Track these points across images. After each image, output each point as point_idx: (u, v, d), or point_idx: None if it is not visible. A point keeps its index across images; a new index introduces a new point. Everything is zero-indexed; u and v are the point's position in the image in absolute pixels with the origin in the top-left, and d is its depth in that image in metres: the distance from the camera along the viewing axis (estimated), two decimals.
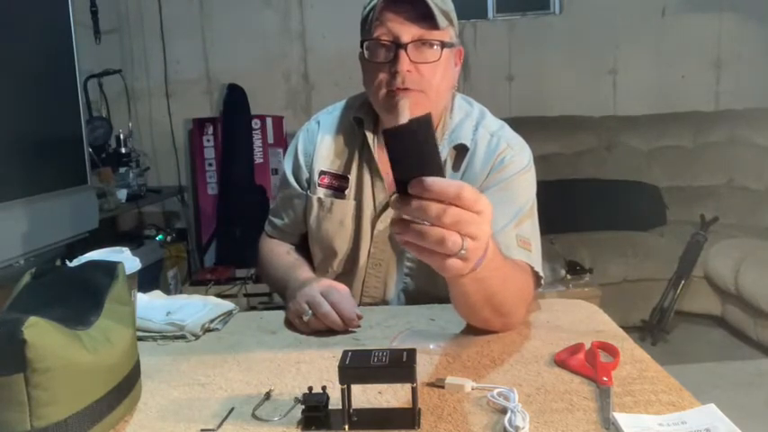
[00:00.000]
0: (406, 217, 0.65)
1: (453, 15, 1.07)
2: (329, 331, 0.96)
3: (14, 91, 1.76)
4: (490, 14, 3.78)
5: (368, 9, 1.06)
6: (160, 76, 3.68)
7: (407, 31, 1.02)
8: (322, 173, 1.19)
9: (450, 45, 1.07)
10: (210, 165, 3.67)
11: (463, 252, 0.66)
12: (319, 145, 1.21)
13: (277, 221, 1.28)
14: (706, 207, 3.31)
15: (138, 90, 3.70)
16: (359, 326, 0.97)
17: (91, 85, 3.24)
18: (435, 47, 1.04)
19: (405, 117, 0.97)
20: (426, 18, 1.01)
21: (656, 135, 3.70)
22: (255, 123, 3.62)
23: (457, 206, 0.64)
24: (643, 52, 3.78)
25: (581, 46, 3.78)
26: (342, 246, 1.17)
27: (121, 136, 3.21)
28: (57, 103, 1.97)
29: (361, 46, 1.08)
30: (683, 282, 3.02)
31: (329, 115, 1.25)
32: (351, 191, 1.17)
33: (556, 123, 3.67)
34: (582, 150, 3.68)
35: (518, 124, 1.20)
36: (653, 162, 3.67)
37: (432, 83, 1.05)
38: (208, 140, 3.66)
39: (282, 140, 3.67)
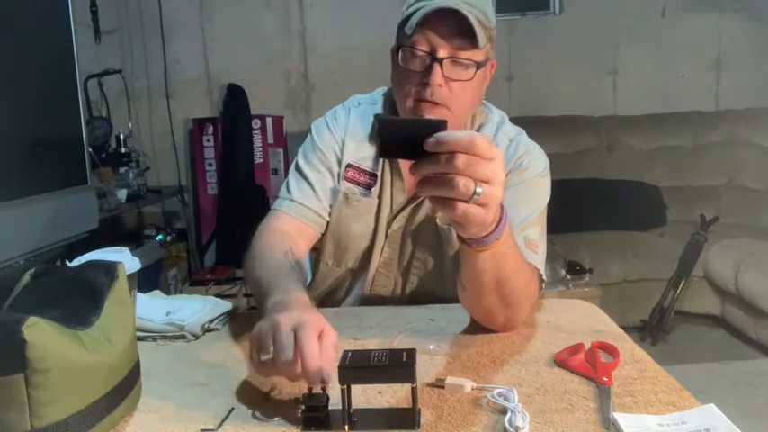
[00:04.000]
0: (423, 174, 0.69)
1: (494, 32, 1.06)
2: None
3: (14, 91, 1.76)
4: None
5: (410, 10, 1.03)
6: (160, 76, 3.68)
7: (446, 46, 1.01)
8: (348, 165, 1.17)
9: (485, 63, 1.06)
10: (210, 165, 3.67)
11: (478, 196, 0.68)
12: (349, 136, 1.18)
13: (296, 194, 1.16)
14: (706, 207, 3.31)
15: (138, 90, 3.70)
16: (324, 384, 0.71)
17: (91, 85, 3.23)
18: (470, 68, 1.03)
19: None
20: (467, 35, 1.00)
21: (656, 135, 3.70)
22: (255, 123, 3.62)
23: (472, 155, 0.67)
24: (643, 52, 3.78)
25: (581, 46, 3.78)
26: (360, 243, 1.17)
27: (121, 136, 3.20)
28: (57, 103, 1.97)
29: (397, 49, 1.06)
30: (683, 282, 3.02)
31: (357, 109, 1.21)
32: (376, 189, 1.16)
33: (556, 123, 3.67)
34: (582, 150, 3.68)
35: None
36: (653, 162, 3.67)
37: (460, 100, 1.05)
38: (208, 140, 3.66)
39: (282, 140, 3.67)
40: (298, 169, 1.19)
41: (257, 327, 0.76)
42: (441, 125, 0.68)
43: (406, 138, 0.68)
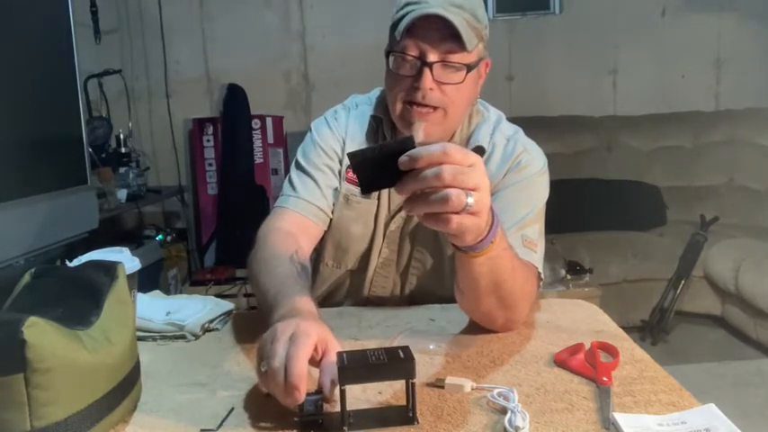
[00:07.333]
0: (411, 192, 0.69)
1: (485, 30, 1.06)
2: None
3: (14, 91, 1.76)
4: (490, 14, 3.78)
5: (399, 15, 1.04)
6: (160, 76, 3.67)
7: (435, 51, 1.01)
8: (349, 166, 1.16)
9: (477, 64, 1.06)
10: (210, 165, 3.67)
11: (470, 205, 0.68)
12: (349, 137, 1.18)
13: (301, 191, 1.15)
14: (706, 207, 3.31)
15: (138, 90, 3.70)
16: (296, 403, 0.68)
17: (91, 85, 3.23)
18: (461, 70, 1.03)
19: (418, 137, 0.98)
20: (456, 38, 1.00)
21: (656, 135, 3.70)
22: (255, 123, 3.62)
23: (449, 164, 0.67)
24: (643, 52, 3.78)
25: (581, 46, 3.78)
26: (359, 245, 1.17)
27: (121, 136, 3.20)
28: (57, 103, 1.97)
29: (387, 55, 1.07)
30: (683, 282, 3.02)
31: (355, 110, 1.22)
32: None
33: (556, 123, 3.67)
34: (582, 150, 3.68)
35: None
36: (653, 162, 3.67)
37: (454, 102, 1.05)
38: (208, 140, 3.65)
39: (282, 140, 3.67)
40: (299, 167, 1.18)
41: (264, 336, 0.73)
42: (408, 142, 0.67)
43: (380, 166, 0.67)
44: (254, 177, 3.60)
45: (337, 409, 0.67)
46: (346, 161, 1.16)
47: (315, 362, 0.71)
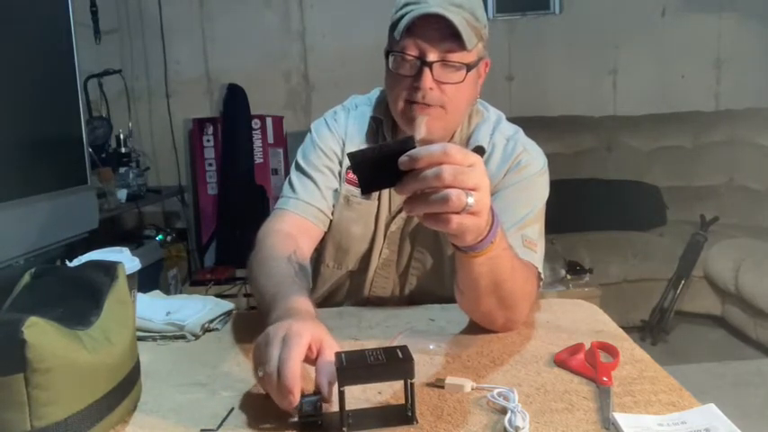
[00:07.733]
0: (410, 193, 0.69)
1: (485, 30, 1.06)
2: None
3: (14, 91, 1.76)
4: (490, 14, 3.78)
5: (398, 14, 1.04)
6: (160, 76, 3.67)
7: (434, 50, 1.01)
8: (349, 167, 1.16)
9: (477, 64, 1.06)
10: (210, 165, 3.67)
11: (470, 205, 0.68)
12: (349, 138, 1.18)
13: (301, 193, 1.15)
14: (706, 207, 3.31)
15: (138, 90, 3.70)
16: (291, 406, 0.68)
17: (91, 85, 3.23)
18: (461, 70, 1.03)
19: (420, 133, 0.98)
20: (455, 38, 1.00)
21: (656, 135, 3.70)
22: (255, 123, 3.62)
23: (449, 164, 0.67)
24: (643, 52, 3.78)
25: (581, 46, 3.78)
26: (360, 245, 1.17)
27: (121, 136, 3.20)
28: (57, 103, 1.97)
29: (387, 54, 1.07)
30: (683, 282, 3.02)
31: (354, 111, 1.22)
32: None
33: (556, 123, 3.67)
34: (582, 150, 3.68)
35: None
36: (653, 162, 3.67)
37: (453, 101, 1.05)
38: (208, 140, 3.66)
39: (282, 140, 3.67)
40: (299, 169, 1.18)
41: (259, 339, 0.73)
42: (409, 142, 0.67)
43: (381, 166, 0.67)
44: (254, 177, 3.60)
45: (336, 409, 0.67)
46: (346, 162, 1.16)
47: (311, 361, 0.71)
